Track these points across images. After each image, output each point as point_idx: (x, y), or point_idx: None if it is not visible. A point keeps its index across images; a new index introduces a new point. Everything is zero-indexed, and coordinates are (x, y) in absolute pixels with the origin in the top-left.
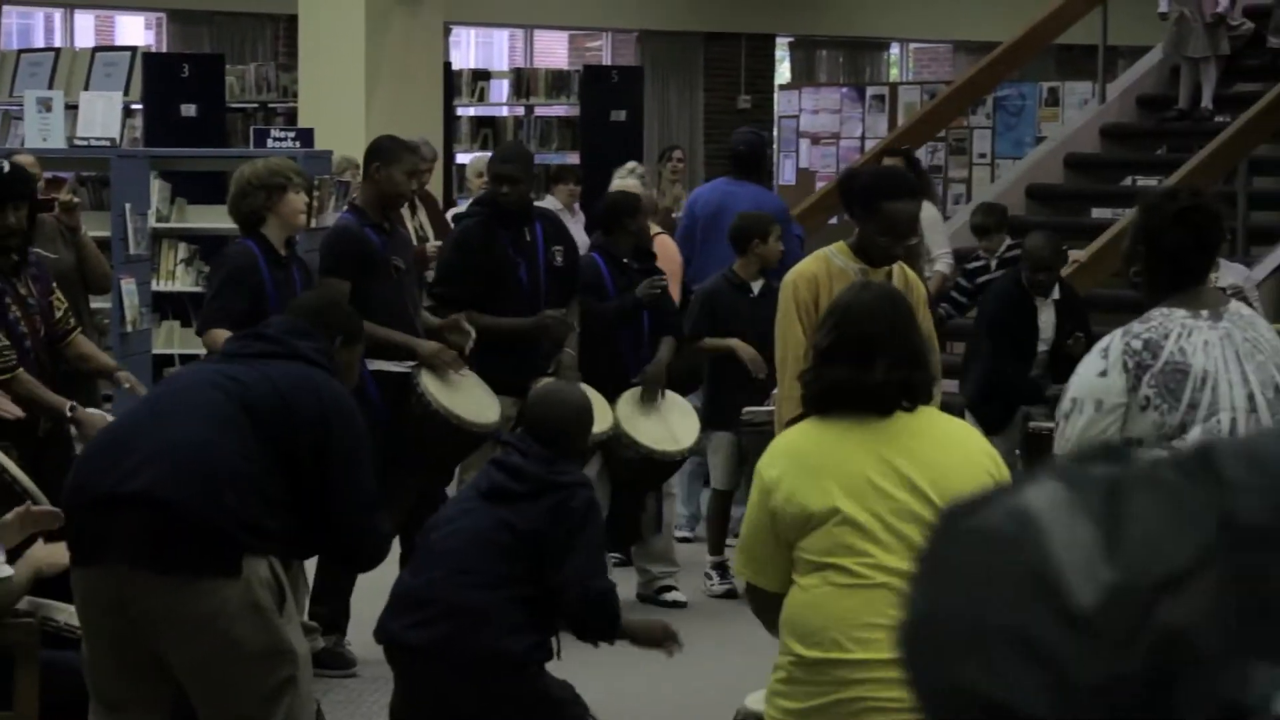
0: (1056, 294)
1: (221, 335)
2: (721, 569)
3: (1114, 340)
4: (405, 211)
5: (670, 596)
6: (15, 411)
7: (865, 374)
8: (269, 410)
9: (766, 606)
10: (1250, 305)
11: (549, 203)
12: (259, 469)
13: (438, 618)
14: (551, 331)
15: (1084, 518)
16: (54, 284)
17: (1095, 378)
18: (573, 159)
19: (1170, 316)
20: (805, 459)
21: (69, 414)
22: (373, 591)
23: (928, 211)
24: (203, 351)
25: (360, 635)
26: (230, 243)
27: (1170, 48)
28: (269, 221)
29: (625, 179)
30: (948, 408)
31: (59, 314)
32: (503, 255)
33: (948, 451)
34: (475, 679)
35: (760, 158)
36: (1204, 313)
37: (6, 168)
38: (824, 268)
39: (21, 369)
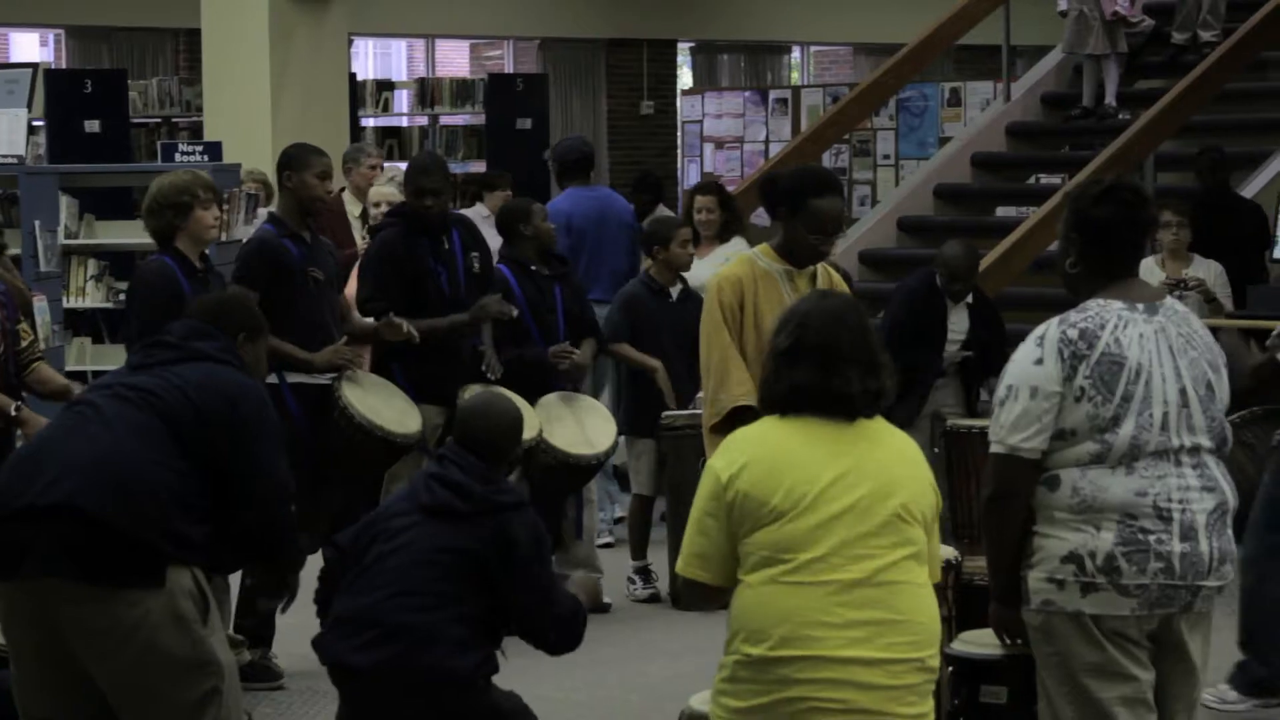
0: (969, 299)
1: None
2: (644, 574)
3: (1050, 328)
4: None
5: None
6: None
7: (836, 382)
8: (182, 415)
9: (707, 598)
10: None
11: (476, 210)
12: (179, 477)
13: (383, 639)
14: (490, 311)
15: None
16: (20, 314)
17: (1031, 365)
18: (479, 167)
19: (1107, 307)
20: (765, 455)
21: (13, 414)
22: (298, 603)
23: None
24: (113, 367)
25: (286, 647)
26: (144, 259)
27: (1069, 45)
28: (179, 237)
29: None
30: None
31: (25, 342)
32: (424, 264)
33: (905, 464)
34: (424, 698)
35: (591, 162)
36: (1140, 305)
37: None
38: (749, 270)
39: None
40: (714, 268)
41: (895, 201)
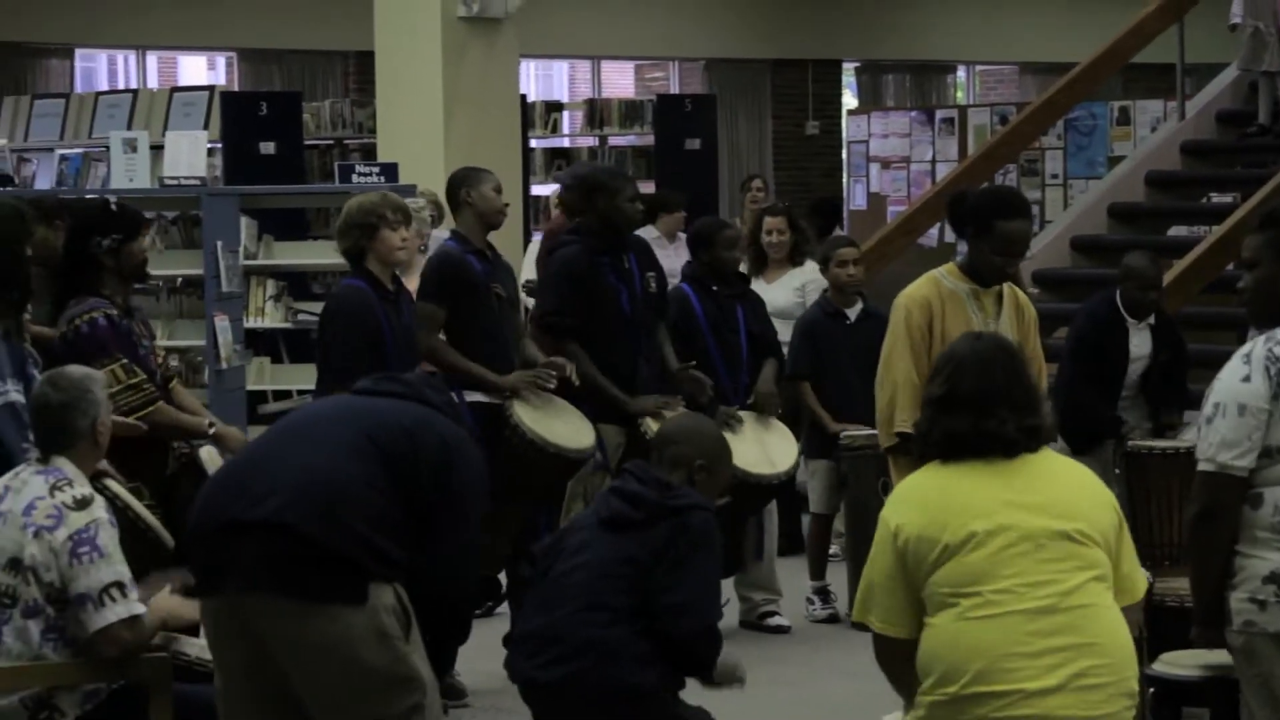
0: (1151, 319)
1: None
2: (823, 594)
3: (1257, 346)
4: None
5: (773, 622)
6: (139, 428)
7: (991, 424)
8: (396, 444)
9: (893, 657)
10: None
11: (647, 231)
12: (385, 499)
13: (568, 655)
14: (649, 411)
15: None
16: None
17: (1239, 382)
18: (646, 188)
19: None
20: (933, 497)
21: (209, 431)
22: (481, 624)
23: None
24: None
25: (469, 665)
26: (338, 283)
27: (1245, 62)
28: (368, 258)
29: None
30: None
31: (160, 359)
32: (605, 282)
33: (1075, 489)
34: (609, 713)
35: None
36: None
37: (116, 206)
38: (935, 290)
39: (162, 400)
40: (788, 292)
41: (1068, 221)
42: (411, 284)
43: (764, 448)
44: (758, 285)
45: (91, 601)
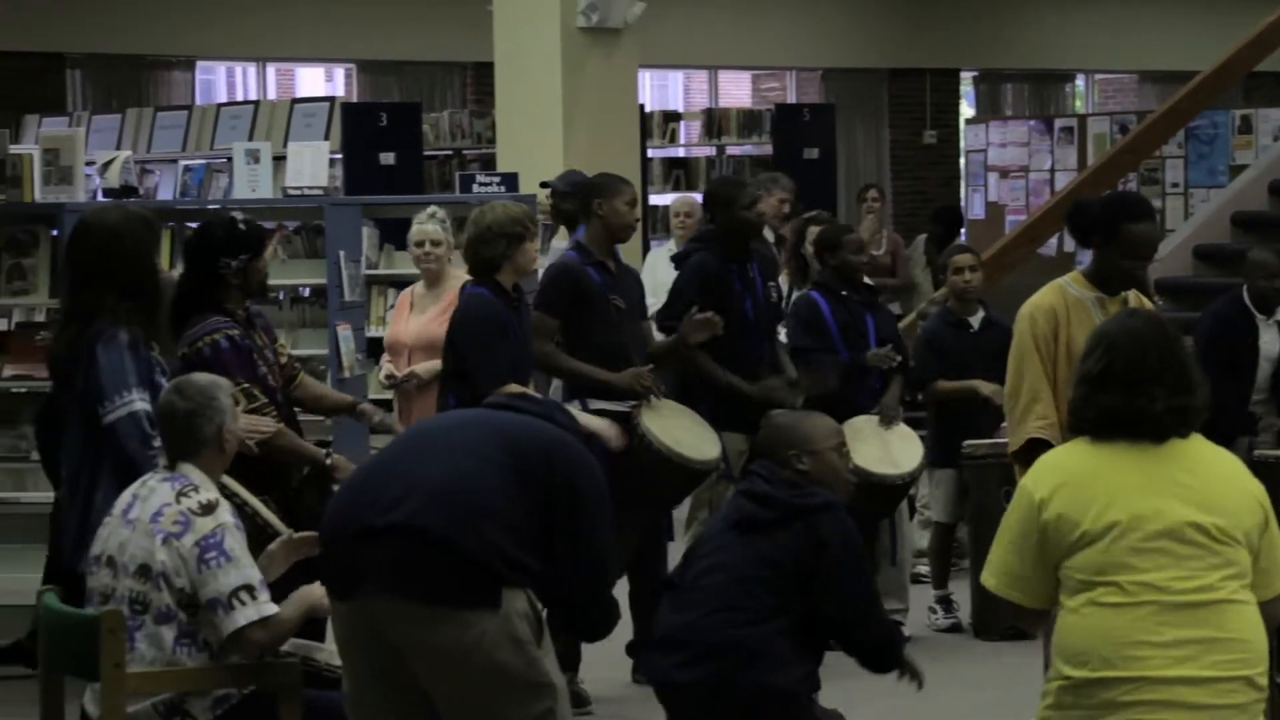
0: (1279, 313)
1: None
2: (945, 603)
3: None
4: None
5: None
6: (270, 425)
7: (1141, 402)
8: (530, 459)
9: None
10: None
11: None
12: (518, 509)
13: (707, 655)
14: (774, 399)
15: None
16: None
17: None
18: None
19: None
20: (1077, 477)
21: (326, 461)
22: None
23: None
24: None
25: (593, 672)
26: (465, 292)
27: None
28: (504, 268)
29: (425, 224)
30: None
31: (284, 359)
32: (732, 289)
33: (1222, 481)
34: (750, 714)
35: None
36: None
37: (244, 224)
38: (1060, 299)
39: (283, 425)
40: None
41: (1190, 230)
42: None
43: (887, 448)
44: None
45: (222, 606)
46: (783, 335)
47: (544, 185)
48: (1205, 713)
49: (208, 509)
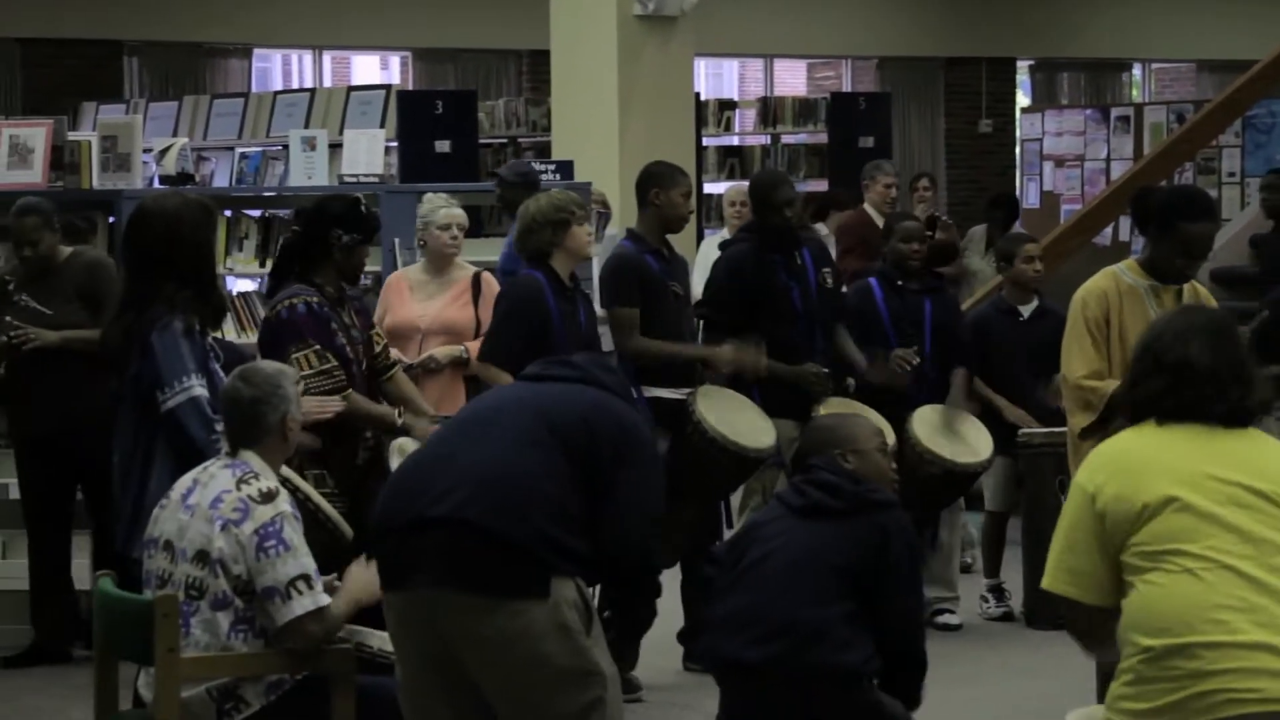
0: None
1: (497, 374)
2: (998, 591)
3: None
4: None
5: (943, 620)
6: (336, 406)
7: (1192, 394)
8: (573, 431)
9: (1088, 626)
10: None
11: (817, 229)
12: (565, 489)
13: (771, 635)
14: (811, 385)
15: None
16: (373, 319)
17: None
18: (819, 186)
19: None
20: (1131, 458)
21: (398, 423)
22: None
23: None
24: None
25: (644, 659)
26: (517, 274)
27: None
28: (556, 255)
29: (453, 208)
30: None
31: (378, 348)
32: (776, 279)
33: (1274, 453)
34: (811, 694)
35: None
36: None
37: (365, 208)
38: (1113, 285)
39: (351, 389)
40: None
41: (1247, 220)
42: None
43: (961, 437)
44: None
45: (279, 595)
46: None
47: (492, 174)
48: None
49: (268, 497)
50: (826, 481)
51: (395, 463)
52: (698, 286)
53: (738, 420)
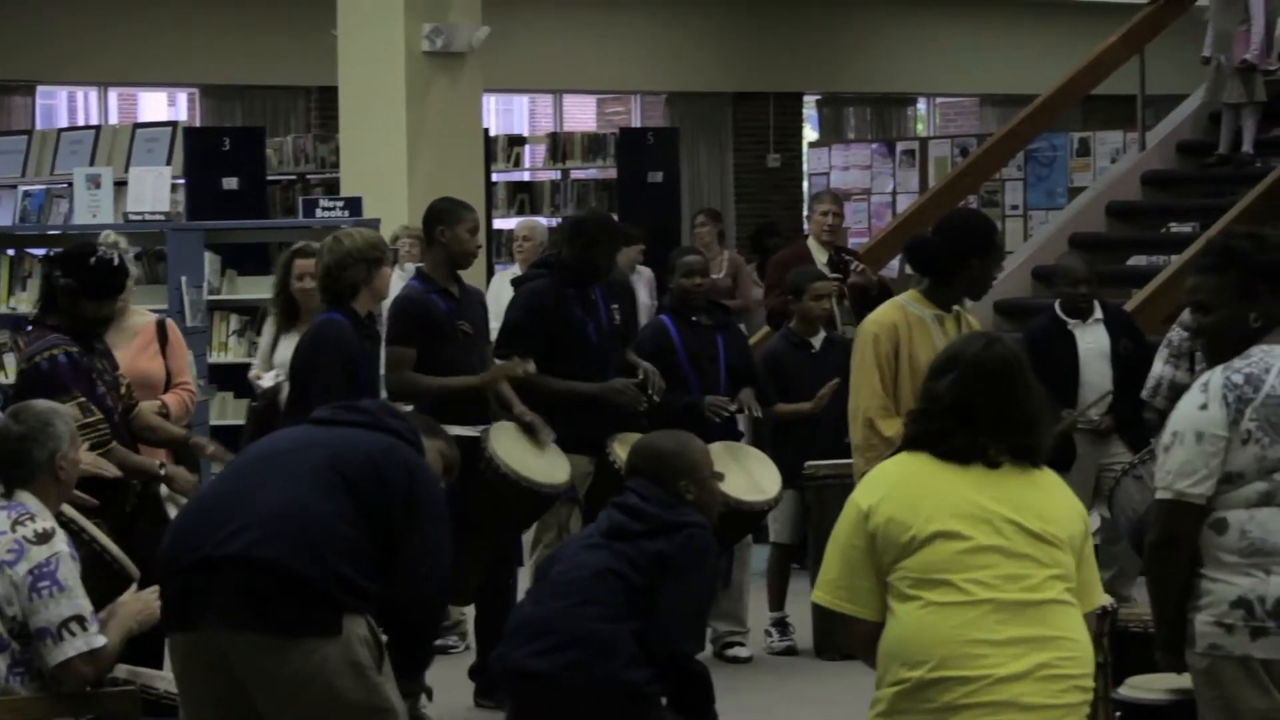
0: (1099, 314)
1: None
2: (781, 625)
3: (1214, 375)
4: None
5: (732, 653)
6: (113, 470)
7: (985, 439)
8: (362, 475)
9: (861, 640)
10: None
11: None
12: (354, 530)
13: (562, 646)
14: (622, 399)
15: None
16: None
17: (1196, 411)
18: None
19: (1270, 353)
20: (906, 483)
21: (160, 472)
22: (445, 658)
23: None
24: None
25: (436, 697)
26: (319, 319)
27: (1210, 95)
28: (361, 294)
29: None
30: None
31: (124, 387)
32: (572, 315)
33: (1048, 494)
34: (597, 708)
35: None
36: None
37: (116, 259)
38: (902, 316)
39: (115, 442)
40: None
41: (1029, 251)
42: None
43: (750, 475)
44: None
45: (51, 636)
46: None
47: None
48: (1039, 713)
49: (43, 538)
50: (632, 505)
51: (171, 507)
52: (493, 323)
53: (531, 457)
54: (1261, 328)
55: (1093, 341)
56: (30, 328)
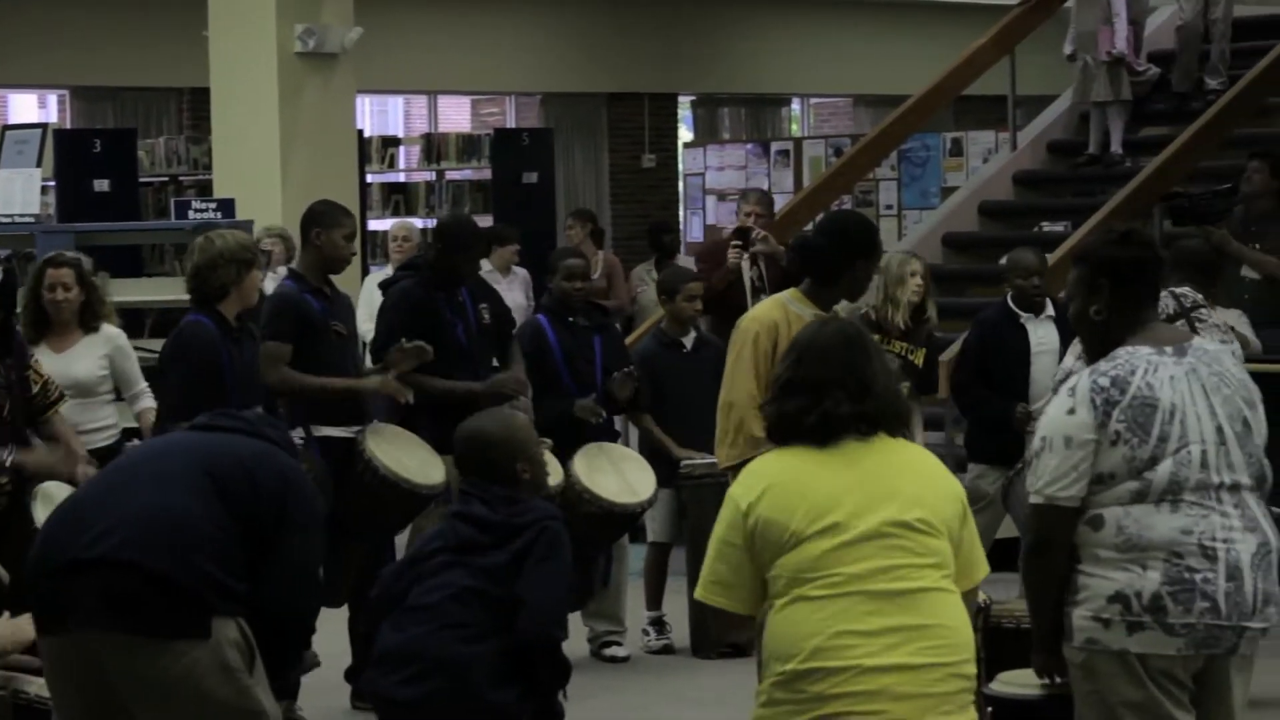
0: (1051, 311)
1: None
2: (659, 624)
3: (1081, 379)
4: None
5: (610, 652)
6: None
7: (826, 405)
8: (234, 479)
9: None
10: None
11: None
12: (224, 534)
13: (426, 673)
14: (506, 392)
15: None
16: (31, 356)
17: (1064, 416)
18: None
19: (1135, 354)
20: (783, 481)
21: (5, 463)
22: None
23: None
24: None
25: (310, 699)
26: (184, 320)
27: (1078, 95)
28: (230, 296)
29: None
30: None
31: (35, 388)
32: (441, 316)
33: (921, 479)
34: None
35: None
36: (1168, 348)
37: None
38: (783, 315)
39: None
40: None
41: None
42: None
43: (624, 477)
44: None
45: None
46: None
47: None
48: (911, 702)
49: None
50: (477, 516)
51: (39, 510)
52: (364, 324)
53: (408, 458)
54: (1105, 320)
55: (1044, 338)
56: None
